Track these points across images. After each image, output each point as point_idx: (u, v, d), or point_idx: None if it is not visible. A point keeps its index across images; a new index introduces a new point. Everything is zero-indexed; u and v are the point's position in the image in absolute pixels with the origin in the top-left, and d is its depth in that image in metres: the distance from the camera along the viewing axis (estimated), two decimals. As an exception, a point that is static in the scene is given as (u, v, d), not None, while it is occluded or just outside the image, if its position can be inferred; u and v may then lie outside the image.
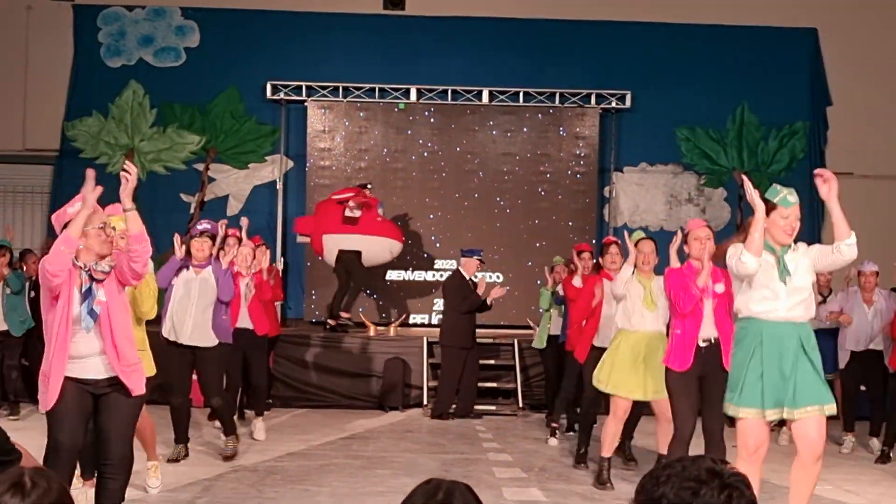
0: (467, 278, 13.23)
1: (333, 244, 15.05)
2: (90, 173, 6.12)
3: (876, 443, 11.36)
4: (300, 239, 15.76)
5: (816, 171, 6.41)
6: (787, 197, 6.44)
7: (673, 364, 7.69)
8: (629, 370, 8.66)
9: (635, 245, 8.80)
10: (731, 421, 6.85)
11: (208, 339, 9.39)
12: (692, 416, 7.71)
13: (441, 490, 2.76)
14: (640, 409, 9.67)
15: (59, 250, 5.99)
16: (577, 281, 11.20)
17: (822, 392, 6.41)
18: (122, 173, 6.09)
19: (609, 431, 9.01)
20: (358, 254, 14.98)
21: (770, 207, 6.44)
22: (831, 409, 6.43)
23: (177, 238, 9.40)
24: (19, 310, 12.47)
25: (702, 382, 7.68)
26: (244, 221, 11.56)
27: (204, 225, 9.58)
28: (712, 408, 7.56)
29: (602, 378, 8.84)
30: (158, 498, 8.10)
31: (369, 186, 15.44)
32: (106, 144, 17.03)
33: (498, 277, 16.60)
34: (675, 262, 8.12)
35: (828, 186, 6.27)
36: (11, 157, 17.12)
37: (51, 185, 16.91)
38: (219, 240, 10.52)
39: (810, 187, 17.13)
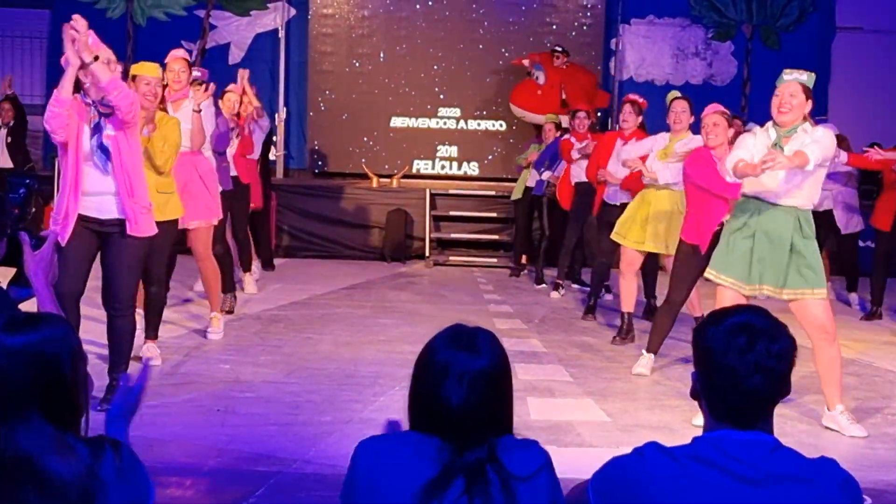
0: None
1: None
2: (65, 30, 6.13)
3: (856, 297, 11.69)
4: None
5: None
6: (783, 75, 6.43)
7: (691, 238, 7.78)
8: (635, 222, 8.84)
9: (669, 104, 8.86)
10: None
11: None
12: (687, 287, 7.88)
13: (465, 334, 2.86)
14: (656, 267, 9.92)
15: (54, 111, 6.17)
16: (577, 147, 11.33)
17: (813, 275, 6.49)
18: (70, 31, 6.09)
19: (621, 285, 9.25)
20: None
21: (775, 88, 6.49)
22: (821, 293, 6.53)
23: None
24: None
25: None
26: (243, 72, 11.45)
27: (194, 73, 9.50)
28: None
29: (617, 228, 9.07)
30: (163, 344, 8.30)
31: None
32: (105, -12, 16.87)
33: (501, 126, 16.69)
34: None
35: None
36: (9, 0, 16.99)
37: (49, 31, 16.80)
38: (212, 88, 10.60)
39: (819, 43, 17.08)
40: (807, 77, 6.43)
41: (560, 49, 15.52)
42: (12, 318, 2.64)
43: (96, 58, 6.10)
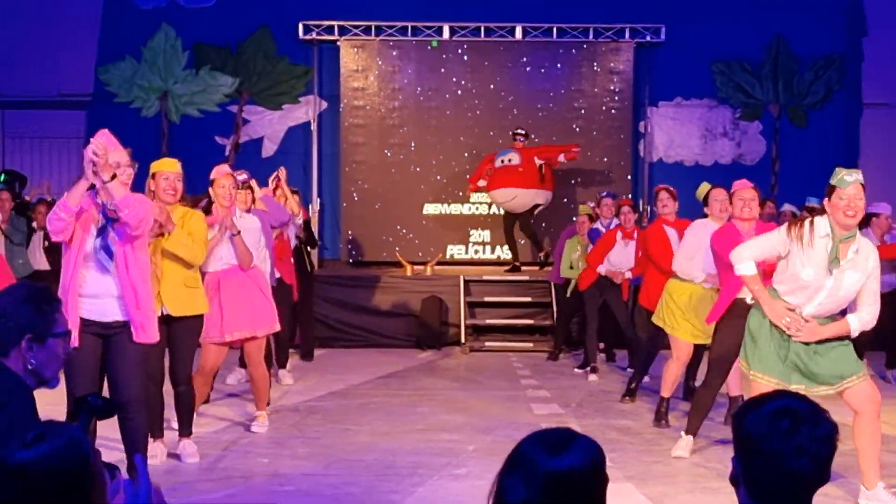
0: None
1: None
2: (86, 152, 6.19)
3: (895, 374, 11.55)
4: None
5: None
6: (843, 177, 6.25)
7: (711, 319, 7.81)
8: (686, 315, 8.78)
9: (705, 196, 8.83)
10: None
11: None
12: (728, 369, 7.86)
13: (559, 435, 2.61)
14: (701, 350, 9.85)
15: (59, 216, 6.19)
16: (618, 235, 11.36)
17: (848, 361, 6.47)
18: (90, 154, 6.14)
19: (667, 370, 9.12)
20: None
21: (831, 190, 6.30)
22: (863, 374, 6.51)
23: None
24: (18, 254, 12.99)
25: None
26: (282, 172, 11.55)
27: (243, 176, 9.53)
28: None
29: (664, 319, 8.98)
30: (202, 439, 8.30)
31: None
32: (139, 88, 17.11)
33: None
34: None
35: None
36: (45, 102, 17.27)
37: (85, 131, 16.98)
38: (270, 187, 10.63)
39: (846, 120, 17.07)
40: (862, 175, 6.34)
41: (521, 132, 15.65)
42: (21, 437, 2.65)
43: (114, 176, 6.16)
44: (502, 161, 15.45)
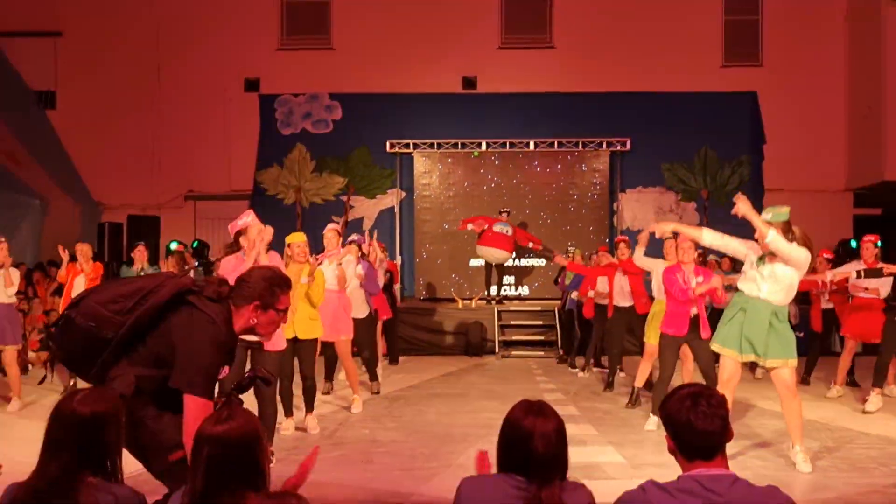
0: None
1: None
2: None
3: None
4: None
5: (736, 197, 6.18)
6: (764, 215, 6.18)
7: (669, 331, 7.69)
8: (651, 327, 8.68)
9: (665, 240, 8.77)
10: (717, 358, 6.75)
11: (360, 312, 9.45)
12: (673, 365, 7.71)
13: (536, 405, 2.82)
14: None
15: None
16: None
17: (787, 350, 6.24)
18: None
19: (641, 368, 8.94)
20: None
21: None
22: (793, 363, 6.26)
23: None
24: None
25: (689, 341, 7.70)
26: (374, 235, 11.59)
27: (353, 237, 9.73)
28: (700, 355, 7.60)
29: (648, 333, 8.86)
30: (325, 417, 8.27)
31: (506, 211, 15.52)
32: (282, 185, 17.32)
33: (542, 262, 16.74)
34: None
35: (742, 205, 6.07)
36: (221, 196, 17.49)
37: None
38: (365, 247, 10.65)
39: (753, 201, 16.80)
40: (771, 215, 6.17)
41: (507, 210, 15.47)
42: (216, 416, 2.66)
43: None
44: (501, 229, 15.30)
